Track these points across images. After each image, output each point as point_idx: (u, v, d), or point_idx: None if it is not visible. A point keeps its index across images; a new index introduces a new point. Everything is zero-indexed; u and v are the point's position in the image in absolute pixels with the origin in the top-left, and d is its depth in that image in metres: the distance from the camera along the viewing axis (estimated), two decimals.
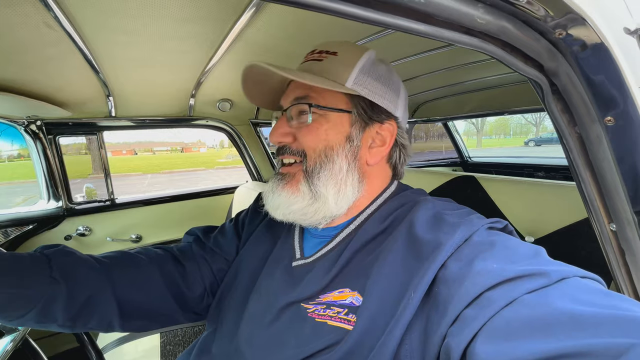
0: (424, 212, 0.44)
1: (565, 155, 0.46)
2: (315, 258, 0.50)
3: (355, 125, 0.49)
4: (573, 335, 0.25)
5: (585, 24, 0.33)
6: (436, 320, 0.34)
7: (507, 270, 0.32)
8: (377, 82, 0.50)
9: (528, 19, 0.34)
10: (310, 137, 0.49)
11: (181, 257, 0.60)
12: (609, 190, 0.43)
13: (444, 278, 0.35)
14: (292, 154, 0.51)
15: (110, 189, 1.52)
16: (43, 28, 0.66)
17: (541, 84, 0.41)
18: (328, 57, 0.50)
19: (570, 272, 0.32)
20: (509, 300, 0.30)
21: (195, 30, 0.74)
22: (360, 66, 0.49)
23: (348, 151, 0.49)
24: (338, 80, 0.48)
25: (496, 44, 0.37)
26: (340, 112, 0.49)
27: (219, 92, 1.33)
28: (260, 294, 0.52)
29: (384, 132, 0.51)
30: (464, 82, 1.58)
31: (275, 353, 0.43)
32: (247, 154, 1.89)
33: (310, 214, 0.49)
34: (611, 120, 0.38)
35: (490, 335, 0.28)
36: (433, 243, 0.38)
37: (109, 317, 0.50)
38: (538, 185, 1.30)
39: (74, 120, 1.37)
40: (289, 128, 0.51)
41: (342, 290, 0.43)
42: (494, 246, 0.36)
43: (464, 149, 2.96)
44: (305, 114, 0.49)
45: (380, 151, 0.51)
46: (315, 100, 0.49)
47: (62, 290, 0.45)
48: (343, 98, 0.49)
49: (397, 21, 0.32)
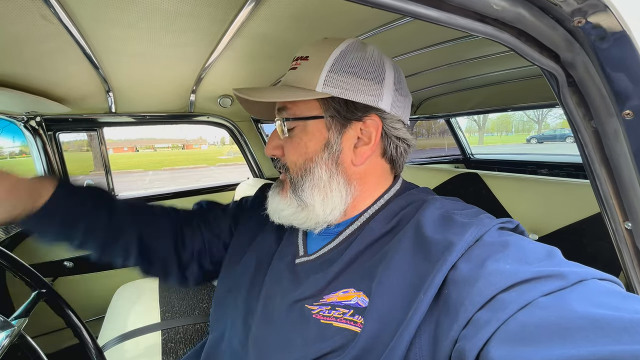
0: (432, 212, 0.43)
1: (579, 151, 0.45)
2: (318, 255, 0.49)
3: (332, 130, 0.47)
4: (594, 340, 0.23)
5: (606, 10, 0.31)
6: (447, 324, 0.32)
7: (522, 271, 0.31)
8: (349, 76, 0.46)
9: (545, 5, 0.33)
10: (292, 152, 0.49)
11: (184, 216, 0.66)
12: (625, 187, 0.41)
13: (454, 279, 0.34)
14: (281, 167, 0.53)
15: (110, 185, 1.51)
16: (40, 21, 0.65)
17: (557, 76, 0.39)
18: (301, 64, 0.49)
19: (588, 274, 0.30)
20: (524, 303, 0.28)
21: (195, 24, 0.72)
22: (329, 65, 0.46)
23: (327, 159, 0.47)
24: (309, 86, 0.46)
25: (511, 33, 0.35)
26: (313, 119, 0.47)
27: (220, 88, 1.32)
28: (267, 292, 0.51)
29: (368, 128, 0.47)
30: (467, 78, 1.56)
31: (281, 354, 0.42)
32: (248, 150, 1.87)
33: (302, 219, 0.49)
34: (630, 114, 0.36)
35: (505, 339, 0.27)
36: (443, 243, 0.37)
37: (129, 248, 0.58)
38: (542, 183, 1.28)
39: (73, 116, 1.35)
40: (279, 140, 0.51)
41: (346, 290, 0.42)
42: (507, 247, 0.35)
43: (467, 146, 2.94)
44: (285, 127, 0.49)
45: (366, 149, 0.48)
46: (291, 112, 0.49)
47: (104, 220, 0.55)
48: (315, 104, 0.48)
49: (408, 6, 0.30)
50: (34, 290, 0.65)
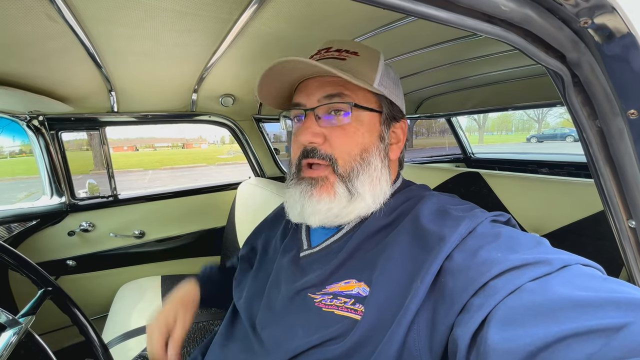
0: (429, 206, 0.45)
1: (583, 150, 0.45)
2: (322, 247, 0.51)
3: (384, 125, 0.52)
4: (574, 318, 0.26)
5: (612, 11, 0.31)
6: (443, 310, 0.34)
7: (511, 259, 0.33)
8: (392, 83, 0.53)
9: (552, 6, 0.33)
10: (346, 140, 0.48)
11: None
12: (629, 186, 0.42)
13: (449, 269, 0.36)
14: (321, 158, 0.49)
15: (113, 184, 1.51)
16: (45, 20, 0.65)
17: (562, 76, 0.39)
18: (350, 57, 0.51)
19: (572, 260, 0.32)
20: (513, 288, 0.30)
21: (199, 23, 0.72)
22: (381, 67, 0.52)
23: (381, 150, 0.51)
24: (367, 79, 0.49)
25: (518, 33, 0.36)
26: (373, 112, 0.50)
27: (222, 87, 1.32)
28: (274, 285, 0.54)
29: (398, 130, 0.55)
30: (468, 77, 1.57)
31: (286, 341, 0.44)
32: (250, 149, 1.87)
33: (345, 214, 0.48)
34: (635, 114, 0.37)
35: (496, 323, 0.29)
36: (438, 234, 0.39)
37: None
38: (543, 182, 1.29)
39: (76, 116, 1.35)
40: (319, 128, 0.49)
41: (348, 280, 0.44)
42: (499, 237, 0.37)
43: (468, 145, 2.94)
44: (340, 113, 0.48)
45: (397, 147, 0.55)
46: (350, 99, 0.48)
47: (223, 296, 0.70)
48: (372, 98, 0.51)
49: (418, 7, 0.31)
50: (40, 288, 0.65)
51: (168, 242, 1.66)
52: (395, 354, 0.34)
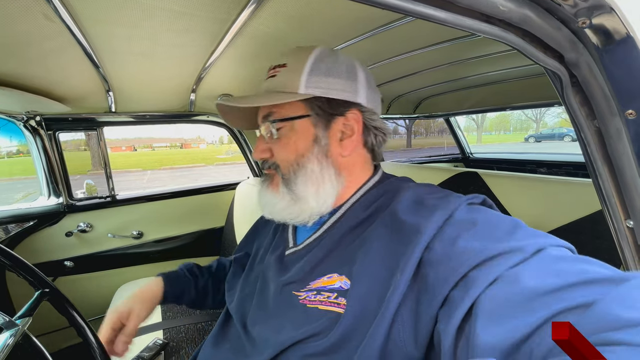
0: (407, 198, 0.46)
1: (582, 150, 0.45)
2: (305, 245, 0.53)
3: (318, 126, 0.51)
4: (548, 304, 0.27)
5: (611, 12, 0.31)
6: (426, 301, 0.35)
7: (489, 248, 0.33)
8: (328, 77, 0.51)
9: (551, 6, 0.33)
10: (283, 151, 0.52)
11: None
12: (627, 186, 0.42)
13: (429, 260, 0.36)
14: (269, 167, 0.56)
15: (111, 185, 1.51)
16: (42, 20, 0.65)
17: (560, 76, 0.40)
18: (280, 71, 0.53)
19: (544, 243, 0.33)
20: (491, 279, 0.31)
21: (197, 23, 0.72)
22: (307, 69, 0.51)
23: (318, 152, 0.51)
24: (291, 89, 0.50)
25: (516, 34, 0.36)
26: (300, 118, 0.51)
27: (220, 87, 1.32)
28: (264, 284, 0.56)
29: (350, 122, 0.53)
30: (466, 77, 1.57)
31: (274, 336, 0.46)
32: (248, 150, 1.87)
33: (295, 213, 0.51)
34: (633, 114, 0.37)
35: (479, 317, 0.29)
36: (415, 226, 0.39)
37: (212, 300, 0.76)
38: (542, 182, 1.29)
39: (73, 116, 1.35)
40: (266, 144, 0.55)
41: (330, 275, 0.46)
42: (476, 224, 0.37)
43: (466, 145, 2.94)
44: (275, 128, 0.52)
45: (351, 141, 0.53)
46: (278, 115, 0.52)
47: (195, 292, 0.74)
48: (300, 104, 0.52)
49: (416, 7, 0.31)
50: (37, 289, 0.65)
51: (166, 242, 1.66)
52: (380, 346, 0.35)
